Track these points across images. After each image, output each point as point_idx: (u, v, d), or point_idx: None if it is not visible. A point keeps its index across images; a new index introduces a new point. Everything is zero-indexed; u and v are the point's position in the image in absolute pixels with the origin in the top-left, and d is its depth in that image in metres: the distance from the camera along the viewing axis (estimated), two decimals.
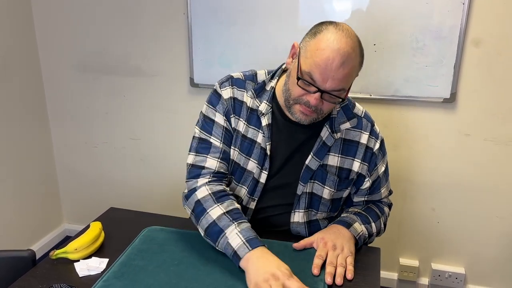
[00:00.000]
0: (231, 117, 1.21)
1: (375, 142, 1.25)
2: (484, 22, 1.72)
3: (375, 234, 1.27)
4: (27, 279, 1.05)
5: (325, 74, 1.04)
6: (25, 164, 2.32)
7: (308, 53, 1.06)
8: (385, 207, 1.36)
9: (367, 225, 1.23)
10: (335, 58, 1.02)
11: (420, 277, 2.16)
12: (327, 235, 1.15)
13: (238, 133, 1.21)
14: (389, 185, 1.37)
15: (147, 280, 1.02)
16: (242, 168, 1.22)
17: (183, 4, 2.01)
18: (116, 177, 2.44)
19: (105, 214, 1.38)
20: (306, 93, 1.08)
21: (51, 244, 2.52)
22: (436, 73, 1.79)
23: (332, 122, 1.20)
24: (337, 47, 1.03)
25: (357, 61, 1.08)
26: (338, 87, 1.06)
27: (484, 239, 2.01)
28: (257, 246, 1.02)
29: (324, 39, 1.04)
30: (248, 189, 1.23)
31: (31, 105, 2.32)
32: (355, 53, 1.06)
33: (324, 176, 1.22)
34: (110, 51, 2.20)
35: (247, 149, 1.21)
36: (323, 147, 1.20)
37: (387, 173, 1.34)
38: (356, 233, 1.17)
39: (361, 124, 1.24)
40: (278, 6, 1.86)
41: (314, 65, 1.04)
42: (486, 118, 1.85)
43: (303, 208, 1.24)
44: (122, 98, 2.27)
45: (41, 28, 2.27)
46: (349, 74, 1.06)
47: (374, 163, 1.26)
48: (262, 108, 1.19)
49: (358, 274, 1.09)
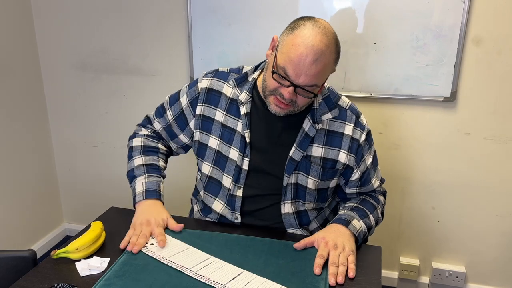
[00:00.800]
0: (198, 105, 1.30)
1: (361, 133, 1.26)
2: (484, 21, 1.72)
3: (374, 225, 1.28)
4: (29, 279, 1.04)
5: (298, 70, 1.07)
6: (25, 164, 2.32)
7: (284, 48, 1.09)
8: (380, 196, 1.36)
9: (365, 219, 1.24)
10: (308, 54, 1.05)
11: (421, 276, 2.16)
12: (328, 234, 1.15)
13: (215, 122, 1.28)
14: (379, 174, 1.37)
15: (148, 280, 1.02)
16: (224, 157, 1.28)
17: (183, 3, 2.00)
18: (116, 177, 2.44)
19: (106, 214, 1.38)
20: (281, 86, 1.12)
21: (51, 243, 2.52)
22: (437, 72, 1.79)
23: (314, 113, 1.23)
24: (311, 44, 1.05)
25: (332, 58, 1.11)
26: (310, 82, 1.09)
27: (484, 238, 2.01)
28: (150, 198, 1.24)
29: (300, 35, 1.07)
30: (232, 177, 1.27)
31: (31, 104, 2.31)
32: (329, 50, 1.08)
33: (308, 167, 1.24)
34: (110, 50, 2.20)
35: (227, 138, 1.27)
36: (305, 138, 1.23)
37: (376, 163, 1.35)
38: (355, 230, 1.18)
39: (345, 115, 1.25)
40: (278, 5, 1.86)
41: (288, 60, 1.07)
42: (486, 117, 1.85)
43: (290, 199, 1.27)
44: (122, 98, 2.27)
45: (41, 28, 2.26)
46: (322, 71, 1.09)
47: (361, 155, 1.27)
48: (242, 97, 1.25)
49: (359, 272, 1.09)
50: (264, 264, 1.08)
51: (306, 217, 1.31)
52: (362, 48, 1.83)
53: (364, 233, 1.22)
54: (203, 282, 1.01)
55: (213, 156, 1.30)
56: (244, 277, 1.02)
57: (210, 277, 1.02)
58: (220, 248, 1.15)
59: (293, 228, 1.30)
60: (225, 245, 1.16)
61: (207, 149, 1.31)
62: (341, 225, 1.18)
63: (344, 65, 1.87)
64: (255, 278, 1.02)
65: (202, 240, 1.19)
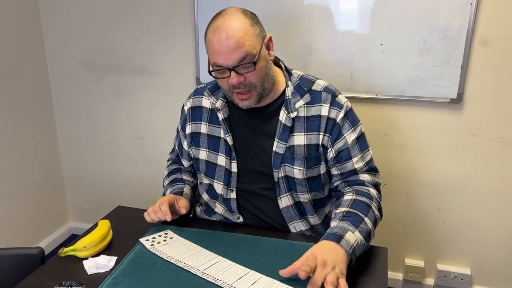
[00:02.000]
0: (186, 125, 1.37)
1: (338, 112, 1.24)
2: (491, 22, 1.72)
3: (372, 229, 1.15)
4: (37, 277, 1.05)
5: (222, 54, 1.13)
6: (32, 163, 2.33)
7: (207, 49, 1.18)
8: (371, 189, 1.25)
9: (360, 227, 1.11)
10: (220, 36, 1.12)
11: (426, 277, 2.16)
12: (318, 251, 1.03)
13: (202, 135, 1.34)
14: (367, 158, 1.28)
15: (155, 278, 1.02)
16: (213, 164, 1.32)
17: (190, 4, 2.01)
18: (121, 176, 2.45)
19: (113, 213, 1.39)
20: (226, 79, 1.16)
21: (57, 242, 2.53)
22: (443, 74, 1.79)
23: (287, 103, 1.25)
24: (218, 28, 1.14)
25: (245, 23, 1.15)
26: (239, 56, 1.13)
27: (490, 240, 2.00)
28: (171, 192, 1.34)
29: (211, 31, 1.16)
30: (223, 182, 1.31)
31: (38, 103, 2.33)
32: (238, 20, 1.14)
33: (292, 157, 1.25)
34: (117, 50, 2.21)
35: (214, 146, 1.32)
36: (284, 130, 1.24)
37: (363, 144, 1.28)
38: (349, 246, 1.05)
39: (320, 97, 1.25)
40: (284, 7, 1.86)
41: (212, 53, 1.16)
42: (493, 119, 1.84)
43: (285, 192, 1.28)
44: (128, 97, 2.28)
45: (48, 27, 2.28)
46: (240, 39, 1.12)
47: (337, 133, 1.24)
48: (218, 104, 1.30)
49: (365, 274, 1.09)
50: (271, 264, 1.08)
51: (303, 209, 1.31)
52: (369, 49, 1.83)
53: (362, 244, 1.10)
54: (210, 281, 1.01)
55: (204, 166, 1.35)
56: (251, 277, 1.03)
57: (217, 277, 1.02)
58: (227, 248, 1.15)
59: (294, 221, 1.30)
60: (232, 245, 1.17)
61: (199, 162, 1.36)
62: (332, 241, 1.05)
63: (350, 66, 1.87)
64: (262, 278, 1.03)
65: (209, 240, 1.19)
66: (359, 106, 1.94)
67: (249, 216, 1.33)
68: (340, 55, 1.87)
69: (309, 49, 1.89)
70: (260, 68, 1.17)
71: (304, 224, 1.31)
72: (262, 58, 1.17)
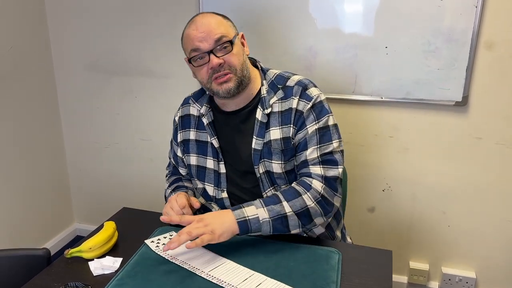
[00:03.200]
0: (178, 134, 1.43)
1: (305, 104, 1.25)
2: (497, 25, 1.72)
3: (289, 213, 1.16)
4: (43, 278, 1.06)
5: (199, 37, 1.20)
6: (37, 164, 2.34)
7: (184, 45, 1.27)
8: (314, 181, 1.21)
9: (271, 207, 1.15)
10: (196, 24, 1.22)
11: (430, 280, 2.15)
12: (207, 215, 1.14)
13: (191, 141, 1.39)
14: (326, 149, 1.23)
15: (160, 279, 1.03)
16: (203, 168, 1.37)
17: (195, 6, 2.02)
18: (126, 178, 2.46)
19: (118, 214, 1.39)
20: (206, 65, 1.21)
21: (62, 243, 2.54)
22: (448, 76, 1.79)
23: (263, 101, 1.28)
24: (193, 21, 1.24)
25: (218, 17, 1.24)
26: (216, 37, 1.20)
27: (495, 243, 2.00)
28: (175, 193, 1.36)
29: (187, 27, 1.26)
30: (213, 184, 1.36)
31: (44, 105, 2.34)
32: (210, 15, 1.24)
33: (269, 152, 1.27)
34: (122, 52, 2.22)
35: (202, 150, 1.37)
36: (261, 127, 1.28)
37: (325, 135, 1.24)
38: (242, 216, 1.13)
39: (291, 92, 1.28)
40: (289, 8, 1.87)
41: (189, 42, 1.23)
42: (498, 122, 1.84)
43: (269, 187, 1.30)
44: (134, 99, 2.29)
45: (55, 29, 2.29)
46: (215, 23, 1.21)
47: (301, 123, 1.25)
48: (202, 110, 1.35)
49: (369, 276, 1.09)
50: (275, 266, 1.08)
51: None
52: (373, 51, 1.83)
53: (265, 221, 1.14)
54: (214, 283, 1.01)
55: (196, 171, 1.39)
56: (255, 279, 1.03)
57: (221, 278, 1.03)
58: (231, 250, 1.15)
59: None
60: (236, 247, 1.17)
61: (191, 168, 1.40)
62: (230, 210, 1.15)
63: (355, 69, 1.87)
64: (266, 280, 1.03)
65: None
66: (363, 109, 1.94)
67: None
68: (345, 57, 1.87)
69: (314, 51, 1.90)
70: (237, 52, 1.23)
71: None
72: (237, 44, 1.24)
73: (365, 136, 1.99)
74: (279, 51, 1.93)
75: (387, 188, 2.03)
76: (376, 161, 2.00)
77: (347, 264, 1.13)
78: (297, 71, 1.46)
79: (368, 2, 1.78)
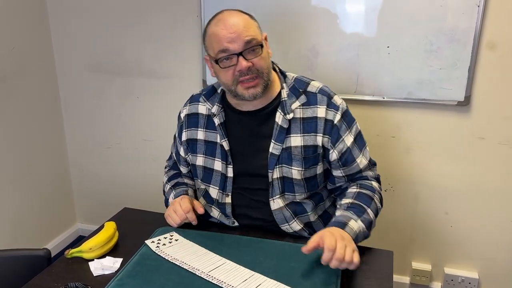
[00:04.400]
0: (183, 132, 1.39)
1: (335, 113, 1.25)
2: (499, 25, 1.71)
3: (373, 218, 1.23)
4: (43, 278, 1.06)
5: (229, 38, 1.15)
6: (40, 164, 2.35)
7: (209, 44, 1.21)
8: (373, 182, 1.31)
9: (363, 217, 1.19)
10: (225, 23, 1.16)
11: (433, 281, 2.14)
12: (328, 231, 1.09)
13: (198, 141, 1.35)
14: (367, 154, 1.32)
15: (160, 280, 1.03)
16: (210, 170, 1.33)
17: (197, 7, 2.02)
18: (128, 178, 2.46)
19: (119, 214, 1.40)
20: (234, 67, 1.17)
21: (65, 243, 2.55)
22: (450, 76, 1.78)
23: (283, 105, 1.25)
24: (221, 19, 1.18)
25: (245, 17, 1.20)
26: (246, 38, 1.15)
27: (498, 244, 1.99)
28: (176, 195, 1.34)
29: (213, 24, 1.20)
30: (218, 187, 1.32)
31: (46, 105, 2.35)
32: (238, 14, 1.20)
33: (290, 158, 1.25)
34: (124, 53, 2.22)
35: (210, 152, 1.33)
36: (281, 132, 1.25)
37: (360, 143, 1.31)
38: (353, 232, 1.13)
39: (316, 99, 1.26)
40: (291, 9, 1.86)
41: (218, 42, 1.17)
42: (501, 122, 1.83)
43: (278, 194, 1.28)
44: (136, 100, 2.29)
45: (56, 30, 2.30)
46: (246, 24, 1.17)
47: (337, 134, 1.26)
48: (214, 109, 1.31)
49: (370, 277, 1.08)
50: (275, 267, 1.08)
51: (301, 207, 1.31)
52: (375, 51, 1.82)
53: (364, 232, 1.18)
54: (214, 283, 1.01)
55: (201, 172, 1.36)
56: (256, 279, 1.03)
57: (221, 279, 1.03)
58: (231, 250, 1.15)
59: (286, 224, 1.30)
60: (236, 247, 1.17)
61: (196, 168, 1.37)
62: (338, 228, 1.13)
63: (356, 69, 1.86)
64: (266, 280, 1.03)
65: (214, 242, 1.19)
66: (365, 109, 1.94)
67: (244, 219, 1.34)
68: (346, 57, 1.86)
69: (315, 51, 1.89)
70: (265, 55, 1.20)
71: (298, 223, 1.30)
72: (265, 48, 1.21)
73: (367, 136, 1.95)
74: (281, 51, 1.93)
75: (389, 188, 2.03)
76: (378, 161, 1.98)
77: None
78: (298, 71, 1.45)
79: (370, 2, 1.78)
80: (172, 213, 1.26)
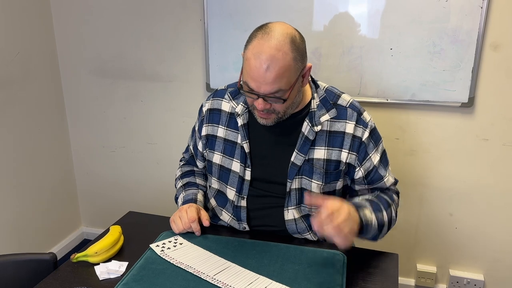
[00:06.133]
0: (203, 127, 1.35)
1: (363, 130, 1.24)
2: (502, 26, 1.71)
3: (386, 224, 1.21)
4: (49, 282, 1.07)
5: (257, 81, 1.09)
6: (44, 168, 2.36)
7: (244, 63, 1.13)
8: (394, 195, 1.31)
9: (378, 213, 1.18)
10: (261, 64, 1.07)
11: (438, 283, 2.14)
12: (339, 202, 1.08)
13: (218, 138, 1.32)
14: (390, 172, 1.32)
15: (166, 284, 1.03)
16: (227, 170, 1.31)
17: (200, 10, 2.03)
18: (133, 181, 2.47)
19: (124, 218, 1.40)
20: (253, 100, 1.14)
21: (70, 247, 2.56)
22: (454, 78, 1.78)
23: (312, 115, 1.22)
24: (260, 53, 1.07)
25: (288, 58, 1.08)
26: (272, 90, 1.10)
27: (503, 245, 1.98)
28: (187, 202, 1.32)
29: (251, 48, 1.10)
30: (236, 189, 1.30)
31: (51, 109, 2.36)
32: (282, 52, 1.07)
33: (311, 170, 1.23)
34: (128, 57, 2.23)
35: (229, 151, 1.30)
36: (306, 142, 1.22)
37: (385, 161, 1.30)
38: (365, 218, 1.12)
39: (346, 114, 1.24)
40: (293, 11, 1.87)
41: (247, 74, 1.11)
42: (505, 123, 1.82)
43: (294, 205, 1.26)
44: (140, 103, 2.30)
45: (61, 34, 2.31)
46: (279, 75, 1.08)
47: (364, 152, 1.24)
48: (238, 109, 1.28)
49: (375, 280, 1.08)
50: (280, 270, 1.08)
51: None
52: (379, 53, 1.83)
53: (374, 228, 1.16)
54: (219, 287, 1.01)
55: (217, 171, 1.33)
56: (261, 283, 1.03)
57: (227, 282, 1.03)
58: (236, 253, 1.15)
59: (298, 234, 1.29)
60: (241, 250, 1.17)
61: (212, 165, 1.34)
62: (352, 207, 1.10)
63: (360, 71, 1.86)
64: (271, 283, 1.03)
65: (218, 245, 1.20)
66: (368, 111, 1.91)
67: (254, 223, 1.32)
68: (350, 59, 1.86)
69: (319, 53, 1.90)
70: (290, 98, 1.15)
71: (313, 236, 1.29)
72: (294, 90, 1.14)
73: None
74: None
75: None
76: None
77: (353, 267, 1.13)
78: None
79: (373, 4, 1.78)
80: (177, 219, 1.26)
